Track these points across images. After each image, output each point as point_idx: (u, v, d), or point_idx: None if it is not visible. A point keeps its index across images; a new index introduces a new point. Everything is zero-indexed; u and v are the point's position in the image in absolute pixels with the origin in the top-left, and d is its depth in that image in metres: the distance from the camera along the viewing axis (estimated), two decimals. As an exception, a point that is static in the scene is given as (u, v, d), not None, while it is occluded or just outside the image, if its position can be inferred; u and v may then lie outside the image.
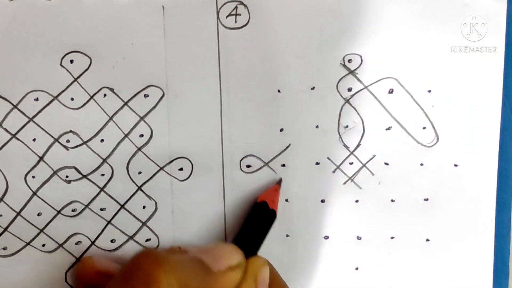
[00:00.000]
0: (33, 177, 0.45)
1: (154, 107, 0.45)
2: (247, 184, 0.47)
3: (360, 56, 0.46)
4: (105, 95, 0.45)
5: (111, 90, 0.45)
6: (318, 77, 0.46)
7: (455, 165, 0.47)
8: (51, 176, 0.45)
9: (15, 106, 0.44)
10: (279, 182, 0.47)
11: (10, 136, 0.44)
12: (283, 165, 0.47)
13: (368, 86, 0.46)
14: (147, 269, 0.34)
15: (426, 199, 0.48)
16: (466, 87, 0.46)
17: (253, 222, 0.45)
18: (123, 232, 0.46)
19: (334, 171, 0.47)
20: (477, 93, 0.46)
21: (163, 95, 0.45)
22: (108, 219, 0.46)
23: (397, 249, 0.49)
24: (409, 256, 0.49)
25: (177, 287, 0.34)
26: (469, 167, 0.47)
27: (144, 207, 0.46)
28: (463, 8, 0.45)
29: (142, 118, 0.45)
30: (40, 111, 0.44)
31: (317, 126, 0.47)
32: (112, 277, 0.38)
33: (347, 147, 0.47)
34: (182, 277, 0.35)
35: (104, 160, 0.45)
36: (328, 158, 0.47)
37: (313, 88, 0.46)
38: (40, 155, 0.45)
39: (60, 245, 0.46)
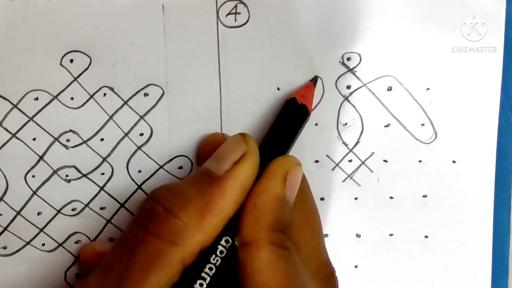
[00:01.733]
0: (33, 176, 0.46)
1: (154, 106, 0.46)
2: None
3: (359, 54, 0.47)
4: (105, 94, 0.46)
5: (111, 89, 0.46)
6: (317, 75, 0.47)
7: (454, 162, 0.48)
8: (51, 176, 0.46)
9: (15, 106, 0.45)
10: (313, 79, 0.47)
11: (10, 136, 0.45)
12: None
13: (367, 84, 0.47)
14: (151, 209, 0.36)
15: (425, 196, 0.49)
16: (465, 85, 0.47)
17: (282, 120, 0.44)
18: (123, 231, 0.47)
19: (333, 169, 0.49)
20: (475, 91, 0.47)
21: (163, 94, 0.46)
22: (108, 218, 0.47)
23: (396, 246, 0.50)
24: (408, 253, 0.50)
25: (182, 215, 0.35)
26: (467, 164, 0.48)
27: (144, 206, 0.47)
28: (463, 8, 0.46)
29: (142, 117, 0.46)
30: (40, 111, 0.45)
31: (316, 124, 0.48)
32: None
33: (346, 145, 0.48)
34: (183, 203, 0.36)
35: (104, 159, 0.46)
36: (327, 155, 0.48)
37: (312, 86, 0.47)
38: (40, 155, 0.46)
39: (60, 245, 0.47)
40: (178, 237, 0.35)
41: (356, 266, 0.50)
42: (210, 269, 0.36)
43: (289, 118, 0.44)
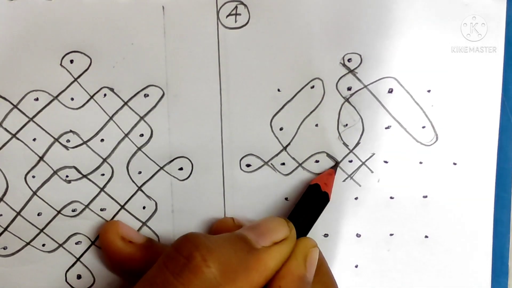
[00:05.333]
0: (33, 177, 0.47)
1: (154, 106, 0.47)
2: (247, 183, 0.49)
3: (360, 56, 0.48)
4: (105, 95, 0.47)
5: (111, 90, 0.47)
6: (318, 76, 0.48)
7: (454, 164, 0.49)
8: (51, 176, 0.47)
9: (15, 106, 0.46)
10: (334, 166, 0.49)
11: (10, 136, 0.46)
12: (283, 164, 0.49)
13: (367, 85, 0.48)
14: (185, 253, 0.37)
15: (425, 196, 0.50)
16: (465, 86, 0.48)
17: (305, 204, 0.47)
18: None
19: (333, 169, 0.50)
20: (476, 92, 0.48)
21: (163, 94, 0.47)
22: (108, 220, 0.48)
23: (396, 246, 0.51)
24: (408, 253, 0.51)
25: (216, 269, 0.36)
26: (468, 166, 0.49)
27: (144, 207, 0.48)
28: (463, 8, 0.47)
29: (142, 118, 0.47)
30: (40, 111, 0.46)
31: (316, 125, 0.49)
32: (135, 246, 0.43)
33: (346, 145, 0.49)
34: (220, 258, 0.37)
35: (104, 160, 0.47)
36: (327, 155, 0.49)
37: (312, 87, 0.48)
38: (40, 155, 0.47)
39: (60, 245, 0.48)
40: None
41: (356, 266, 0.51)
42: None
43: (312, 204, 0.47)
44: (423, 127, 0.49)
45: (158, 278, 0.37)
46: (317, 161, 0.49)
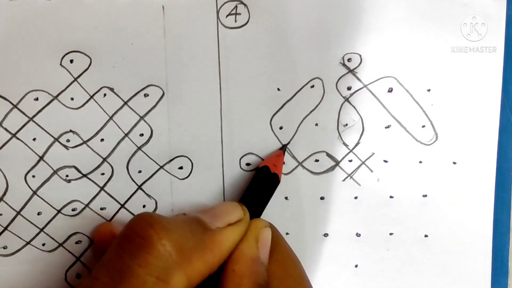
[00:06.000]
0: (33, 176, 0.47)
1: (154, 106, 0.47)
2: (246, 182, 0.49)
3: (360, 55, 0.48)
4: (105, 94, 0.47)
5: (111, 89, 0.47)
6: (318, 75, 0.48)
7: (454, 163, 0.50)
8: (51, 176, 0.48)
9: (15, 106, 0.46)
10: (282, 147, 0.49)
11: (10, 136, 0.47)
12: (283, 163, 0.49)
13: (367, 85, 0.48)
14: (140, 232, 0.37)
15: (425, 195, 0.50)
16: (465, 86, 0.48)
17: (255, 186, 0.47)
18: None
19: (333, 168, 0.50)
20: (476, 92, 0.48)
21: (163, 94, 0.47)
22: (108, 219, 0.49)
23: (395, 246, 0.51)
24: (408, 253, 0.51)
25: (171, 247, 0.36)
26: (468, 165, 0.50)
27: (144, 206, 0.49)
28: (463, 8, 0.47)
29: (142, 118, 0.48)
30: (40, 111, 0.47)
31: (316, 124, 0.49)
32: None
33: (346, 145, 0.50)
34: (176, 237, 0.37)
35: (104, 160, 0.48)
36: (327, 155, 0.50)
37: (312, 87, 0.48)
38: (40, 155, 0.47)
39: (60, 245, 0.49)
40: (165, 273, 0.36)
41: (356, 266, 0.51)
42: None
43: (262, 186, 0.47)
44: (423, 126, 0.49)
45: (114, 262, 0.37)
46: (317, 160, 0.50)
